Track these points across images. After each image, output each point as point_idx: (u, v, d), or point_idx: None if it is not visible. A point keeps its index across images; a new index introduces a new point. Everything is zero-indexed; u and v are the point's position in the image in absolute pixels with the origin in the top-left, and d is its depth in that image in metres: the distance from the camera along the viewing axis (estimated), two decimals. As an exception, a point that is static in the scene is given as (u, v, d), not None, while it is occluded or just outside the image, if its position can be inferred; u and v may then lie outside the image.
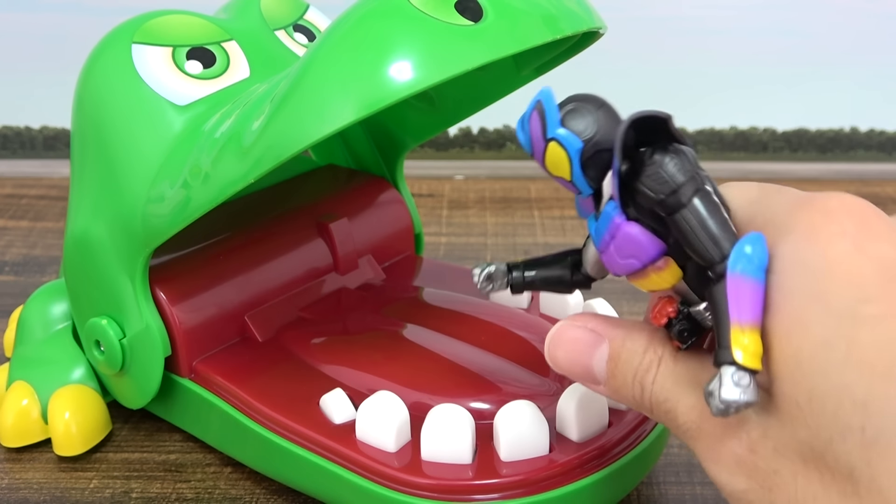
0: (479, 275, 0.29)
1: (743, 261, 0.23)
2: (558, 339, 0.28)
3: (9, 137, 0.69)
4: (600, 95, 0.25)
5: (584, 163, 0.25)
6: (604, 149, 0.25)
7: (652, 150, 0.24)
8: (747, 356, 0.22)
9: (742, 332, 0.22)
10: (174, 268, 0.37)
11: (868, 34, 0.66)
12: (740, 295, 0.22)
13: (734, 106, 0.69)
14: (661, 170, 0.24)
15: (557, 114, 0.25)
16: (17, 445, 0.39)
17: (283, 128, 0.29)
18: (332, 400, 0.34)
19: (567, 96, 0.25)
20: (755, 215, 0.24)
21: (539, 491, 0.31)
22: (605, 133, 0.25)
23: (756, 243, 0.23)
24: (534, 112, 0.25)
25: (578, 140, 0.25)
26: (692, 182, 0.24)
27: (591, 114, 0.25)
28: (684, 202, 0.24)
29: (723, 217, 0.24)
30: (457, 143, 0.69)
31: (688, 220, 0.24)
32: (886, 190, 0.65)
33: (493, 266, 0.29)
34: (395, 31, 0.28)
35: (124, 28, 0.36)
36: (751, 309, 0.22)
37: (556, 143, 0.25)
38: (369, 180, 0.46)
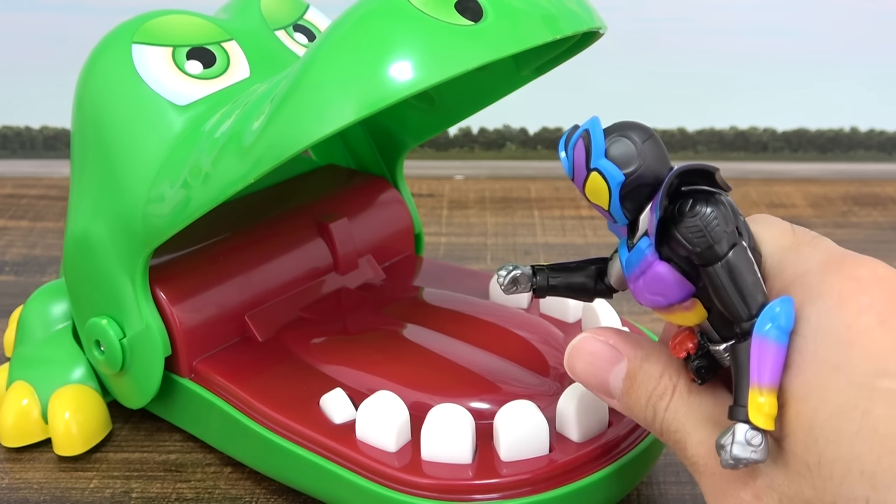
0: (504, 277, 0.30)
1: (769, 325, 0.23)
2: (578, 351, 0.29)
3: (9, 137, 0.69)
4: (646, 126, 0.26)
5: (623, 195, 0.25)
6: (644, 183, 0.25)
7: (693, 201, 0.24)
8: (762, 418, 0.23)
9: (760, 394, 0.23)
10: (174, 268, 0.37)
11: (868, 34, 0.66)
12: (763, 357, 0.23)
13: (734, 106, 0.69)
14: (700, 222, 0.24)
15: (603, 145, 0.25)
16: (17, 445, 0.39)
17: (283, 128, 0.29)
18: (332, 400, 0.34)
19: (615, 123, 0.26)
20: (787, 266, 0.25)
21: (539, 491, 0.31)
22: (649, 167, 0.25)
23: (784, 306, 0.23)
24: (580, 140, 0.26)
25: (621, 173, 0.25)
26: (729, 237, 0.24)
27: (635, 146, 0.25)
28: (719, 257, 0.24)
29: (755, 276, 0.24)
30: (457, 143, 0.69)
31: (720, 275, 0.24)
32: (886, 190, 0.65)
33: (519, 270, 0.29)
34: (395, 31, 0.28)
35: (124, 28, 0.36)
36: (771, 372, 0.23)
37: (599, 173, 0.25)
38: (369, 180, 0.46)
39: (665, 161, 0.25)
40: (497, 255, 0.55)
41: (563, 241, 0.57)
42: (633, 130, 0.25)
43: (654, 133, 0.25)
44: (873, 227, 0.60)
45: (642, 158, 0.25)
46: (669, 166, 0.25)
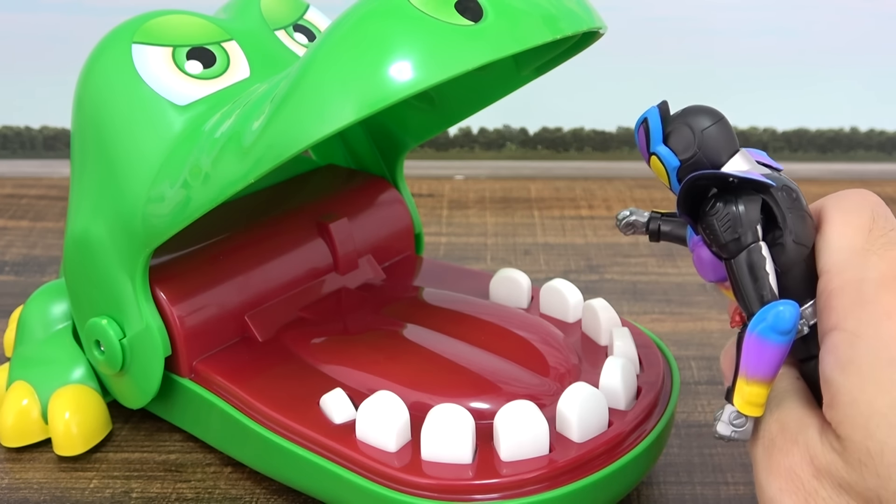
0: (621, 221, 0.31)
1: (764, 324, 0.25)
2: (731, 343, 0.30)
3: (9, 137, 0.69)
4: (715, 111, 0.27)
5: (680, 178, 0.27)
6: (702, 168, 0.27)
7: (716, 199, 0.26)
8: (746, 406, 0.26)
9: (747, 384, 0.26)
10: (174, 268, 0.37)
11: (868, 34, 0.66)
12: (751, 352, 0.26)
13: (734, 106, 0.68)
14: (715, 221, 0.26)
15: (661, 133, 0.27)
16: (17, 445, 0.39)
17: (283, 128, 0.29)
18: (332, 400, 0.34)
19: (686, 107, 0.28)
20: (849, 267, 0.26)
21: (539, 491, 0.31)
22: (706, 153, 0.27)
23: (786, 308, 0.25)
24: (641, 126, 0.28)
25: (676, 159, 0.27)
26: (743, 238, 0.26)
27: (694, 134, 0.27)
28: (731, 255, 0.26)
29: (762, 277, 0.26)
30: (457, 143, 0.69)
31: (732, 270, 0.26)
32: (886, 190, 0.65)
33: (635, 216, 0.31)
34: (395, 31, 0.28)
35: (124, 28, 0.36)
36: (761, 366, 0.26)
37: (657, 157, 0.27)
38: (369, 180, 0.46)
39: (729, 145, 0.27)
40: (497, 255, 0.55)
41: (563, 241, 0.57)
42: (697, 117, 0.27)
43: (722, 117, 0.27)
44: (873, 227, 0.60)
45: (699, 146, 0.27)
46: (734, 149, 0.27)
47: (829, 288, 0.26)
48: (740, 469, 0.38)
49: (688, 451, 0.39)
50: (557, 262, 0.54)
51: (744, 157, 0.27)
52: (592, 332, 0.38)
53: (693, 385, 0.43)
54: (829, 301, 0.26)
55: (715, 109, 0.27)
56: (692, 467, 0.38)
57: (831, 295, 0.26)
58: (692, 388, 0.43)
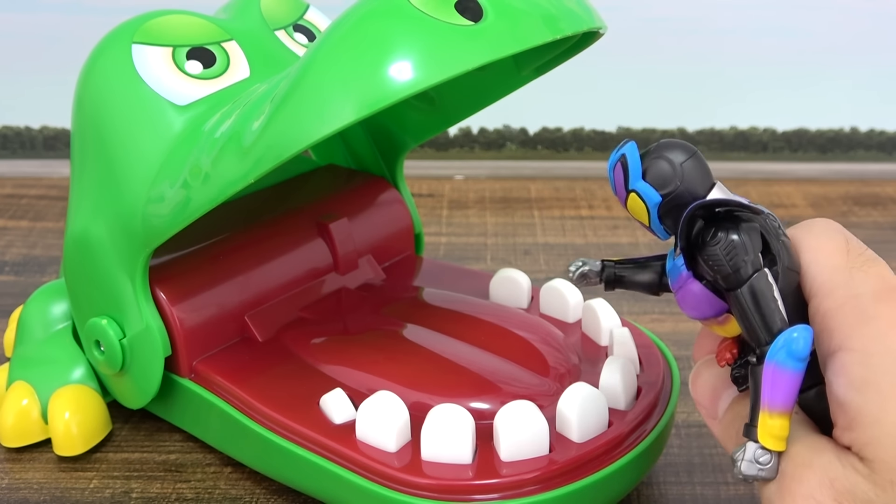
0: (574, 273, 0.30)
1: (783, 352, 0.24)
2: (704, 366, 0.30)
3: (9, 137, 0.69)
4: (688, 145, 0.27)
5: (661, 214, 0.26)
6: (683, 202, 0.26)
7: (716, 229, 0.26)
8: (771, 440, 0.25)
9: (770, 417, 0.25)
10: (174, 268, 0.37)
11: (868, 34, 0.66)
12: (775, 382, 0.24)
13: (734, 106, 0.69)
14: (720, 251, 0.25)
15: (640, 168, 0.26)
16: (17, 445, 0.39)
17: (283, 128, 0.29)
18: (332, 400, 0.34)
19: (658, 142, 0.27)
20: (837, 287, 0.26)
21: (539, 491, 0.31)
22: (687, 187, 0.26)
23: (802, 334, 0.24)
24: (618, 163, 0.27)
25: (658, 194, 0.26)
26: (751, 264, 0.25)
27: (674, 167, 0.26)
28: (739, 283, 0.25)
29: (775, 303, 0.25)
30: (457, 143, 0.69)
31: (740, 300, 0.25)
32: (886, 190, 0.65)
33: (588, 265, 0.30)
34: (395, 31, 0.28)
35: (124, 28, 0.36)
36: (783, 397, 0.25)
37: (637, 194, 0.27)
38: (369, 180, 0.46)
39: (706, 178, 0.26)
40: (497, 255, 0.55)
41: (563, 241, 0.57)
42: (672, 150, 0.26)
43: (696, 152, 0.26)
44: (873, 227, 0.60)
45: (680, 179, 0.26)
46: (711, 183, 0.26)
47: (823, 310, 0.25)
48: (740, 469, 0.38)
49: (688, 451, 0.39)
50: (557, 262, 0.54)
51: (720, 190, 0.27)
52: (592, 332, 0.38)
53: (693, 385, 0.43)
54: (827, 323, 0.25)
55: (687, 143, 0.27)
56: (692, 467, 0.38)
57: (827, 316, 0.25)
58: (692, 388, 0.43)
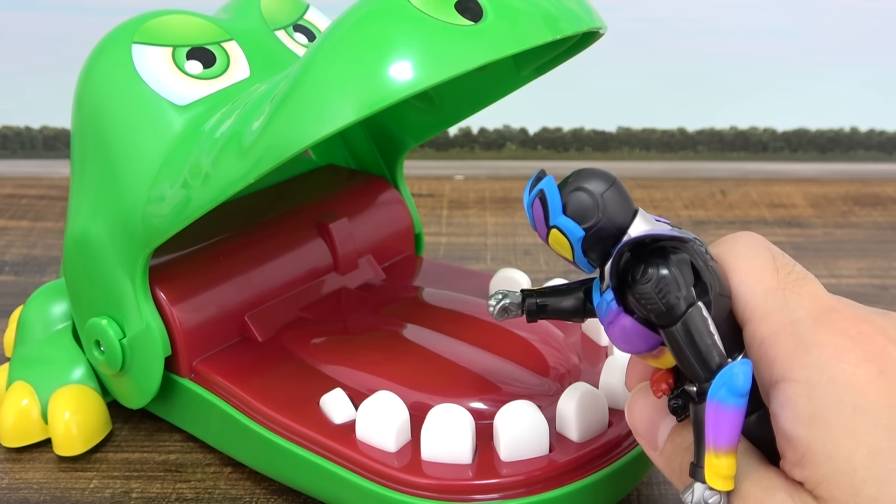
0: (494, 307, 0.30)
1: (724, 390, 0.23)
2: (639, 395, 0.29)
3: (9, 137, 0.69)
4: (609, 172, 0.25)
5: (585, 248, 0.25)
6: (607, 234, 0.25)
7: (646, 265, 0.24)
8: (719, 480, 0.24)
9: (717, 457, 0.24)
10: (174, 268, 0.37)
11: (868, 34, 0.66)
12: (718, 421, 0.23)
13: (734, 106, 0.69)
14: (651, 289, 0.24)
15: (559, 203, 0.25)
16: (17, 445, 0.39)
17: (283, 128, 0.29)
18: (332, 400, 0.34)
19: (575, 172, 0.25)
20: (772, 311, 0.25)
21: (539, 491, 0.31)
22: (610, 218, 0.25)
23: (742, 368, 0.23)
24: (536, 199, 0.25)
25: (580, 229, 0.25)
26: (684, 300, 0.24)
27: (594, 199, 0.25)
28: (673, 321, 0.24)
29: (711, 339, 0.24)
30: (457, 143, 0.69)
31: (675, 337, 0.24)
32: (886, 190, 0.65)
33: (508, 298, 0.29)
34: (395, 32, 0.28)
35: (124, 28, 0.36)
36: (728, 435, 0.23)
37: (558, 230, 0.25)
38: (369, 180, 0.46)
39: (628, 207, 0.25)
40: (497, 255, 0.55)
41: (563, 241, 0.57)
42: (592, 181, 0.25)
43: (615, 180, 0.25)
44: (873, 227, 0.60)
45: (602, 211, 0.25)
46: (633, 210, 0.25)
47: (760, 336, 0.25)
48: (740, 469, 0.38)
49: (688, 451, 0.39)
50: (557, 262, 0.54)
51: (643, 218, 0.25)
52: (592, 332, 0.38)
53: (693, 385, 0.43)
54: (765, 351, 0.24)
55: (605, 171, 0.25)
56: (692, 467, 0.38)
57: (765, 343, 0.24)
58: (692, 388, 0.43)
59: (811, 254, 0.55)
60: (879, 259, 0.55)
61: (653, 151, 0.69)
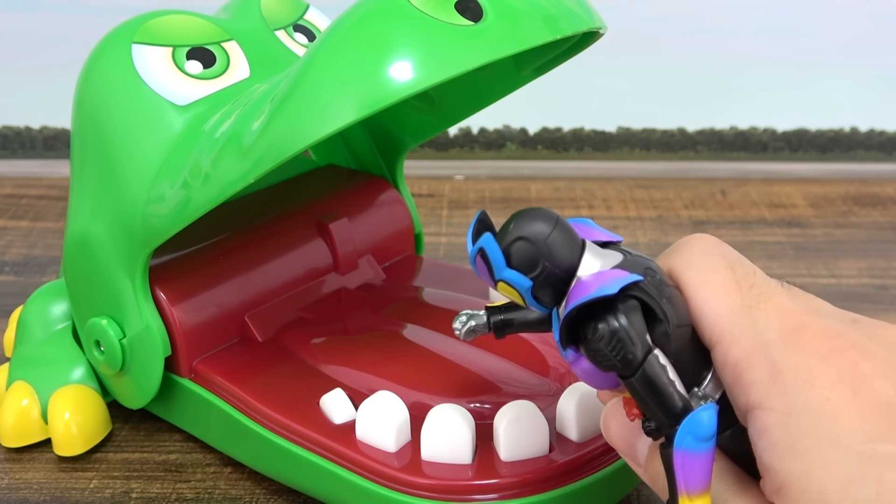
0: (461, 329, 0.29)
1: (689, 438, 0.23)
2: (614, 412, 0.28)
3: (9, 137, 0.69)
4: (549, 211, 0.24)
5: (535, 294, 0.25)
6: (556, 279, 0.24)
7: (594, 322, 0.24)
8: None
9: (690, 500, 0.24)
10: (174, 268, 0.37)
11: (868, 34, 0.66)
12: (687, 467, 0.23)
13: (734, 106, 0.69)
14: (604, 346, 0.24)
15: (501, 258, 0.24)
16: (17, 445, 0.39)
17: (283, 128, 0.29)
18: (332, 400, 0.34)
19: (513, 217, 0.24)
20: (742, 332, 0.24)
21: (539, 491, 0.31)
22: (556, 263, 0.24)
23: (706, 414, 0.23)
24: (477, 256, 0.25)
25: (527, 279, 0.24)
26: (638, 352, 0.23)
27: (537, 247, 0.24)
28: (630, 374, 0.24)
29: (669, 388, 0.24)
30: (457, 143, 0.69)
31: (634, 387, 0.24)
32: (886, 190, 0.65)
33: (473, 320, 0.29)
34: (395, 32, 0.28)
35: (124, 28, 0.36)
36: (698, 479, 0.24)
37: (505, 283, 0.24)
38: (369, 180, 0.46)
39: (574, 245, 0.24)
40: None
41: (563, 241, 0.57)
42: (532, 226, 0.24)
43: (558, 218, 0.24)
44: (873, 227, 0.60)
45: (546, 257, 0.24)
46: (580, 245, 0.25)
47: (731, 360, 0.24)
48: (740, 469, 0.37)
49: (688, 451, 0.39)
50: (557, 262, 0.54)
51: (592, 252, 0.25)
52: (592, 332, 0.38)
53: (693, 385, 0.43)
54: (739, 376, 0.24)
55: (547, 210, 0.24)
56: (692, 467, 0.38)
57: (738, 368, 0.24)
58: (692, 388, 0.43)
59: (811, 254, 0.55)
60: (879, 259, 0.55)
61: (653, 151, 0.69)
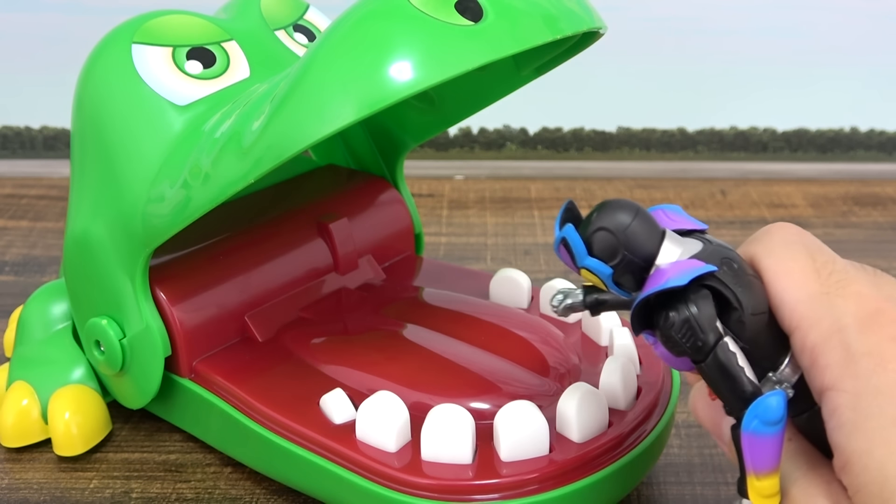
0: (558, 307, 0.30)
1: (756, 421, 0.25)
2: (700, 394, 0.30)
3: (9, 137, 0.69)
4: (631, 203, 0.26)
5: (616, 281, 0.26)
6: (635, 267, 0.26)
7: (667, 310, 0.25)
8: (762, 499, 0.25)
9: (758, 480, 0.25)
10: (174, 268, 0.37)
11: (868, 34, 0.66)
12: (754, 449, 0.25)
13: (734, 106, 0.69)
14: (675, 334, 0.25)
15: (583, 247, 0.26)
16: (17, 445, 0.39)
17: (283, 128, 0.29)
18: (332, 400, 0.34)
19: (597, 207, 0.26)
20: (820, 317, 0.25)
21: (539, 491, 0.31)
22: (634, 252, 0.25)
23: (775, 399, 0.24)
24: (561, 245, 0.26)
25: (607, 267, 0.26)
26: (709, 338, 0.25)
27: (617, 237, 0.25)
28: (702, 359, 0.25)
29: (739, 373, 0.25)
30: (457, 143, 0.69)
31: (706, 372, 0.25)
32: (886, 190, 0.65)
33: (570, 298, 0.29)
34: (395, 32, 0.28)
35: (124, 28, 0.36)
36: (765, 461, 0.25)
37: (587, 269, 0.26)
38: (369, 180, 0.46)
39: (654, 235, 0.26)
40: (497, 255, 0.55)
41: (563, 241, 0.57)
42: (614, 217, 0.25)
43: (639, 209, 0.26)
44: (873, 227, 0.60)
45: (625, 247, 0.25)
46: (660, 233, 0.26)
47: (809, 344, 0.25)
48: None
49: (688, 451, 0.39)
50: (557, 262, 0.54)
51: (672, 241, 0.26)
52: (592, 332, 0.38)
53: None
54: (815, 359, 0.25)
55: (629, 202, 0.26)
56: (692, 467, 0.38)
57: (815, 351, 0.25)
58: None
59: (811, 254, 0.55)
60: (879, 259, 0.55)
61: (653, 151, 0.69)
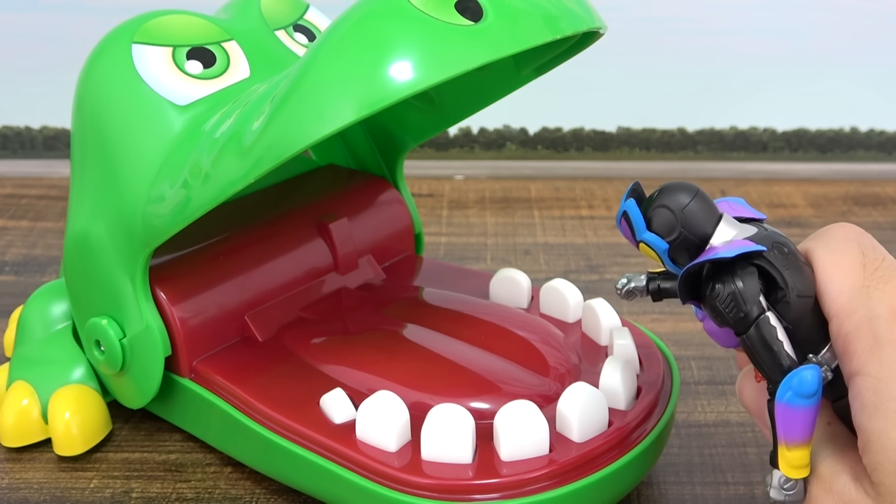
0: (621, 289, 0.31)
1: (791, 393, 0.26)
2: (747, 378, 0.31)
3: (9, 137, 0.69)
4: (692, 185, 0.28)
5: (671, 257, 0.28)
6: (690, 244, 0.27)
7: (713, 281, 0.27)
8: (792, 470, 0.27)
9: (789, 450, 0.27)
10: (174, 268, 0.37)
11: (868, 34, 0.66)
12: (786, 420, 0.27)
13: (734, 106, 0.69)
14: (719, 304, 0.27)
15: (642, 221, 0.28)
16: (17, 445, 0.39)
17: (283, 128, 0.29)
18: (332, 400, 0.34)
19: (662, 187, 0.28)
20: (857, 308, 0.26)
21: (539, 491, 0.31)
22: (691, 230, 0.27)
23: (810, 373, 0.26)
24: (622, 218, 0.28)
25: (664, 242, 0.28)
26: (752, 311, 0.26)
27: (675, 215, 0.27)
28: (744, 330, 0.27)
29: (778, 346, 0.27)
30: (457, 143, 0.69)
31: (747, 343, 0.27)
32: (886, 190, 0.65)
33: (633, 283, 0.31)
34: (395, 32, 0.28)
35: (124, 28, 0.36)
36: (797, 432, 0.27)
37: (645, 244, 0.28)
38: (369, 180, 0.46)
39: (710, 216, 0.27)
40: (497, 255, 0.55)
41: (563, 241, 0.57)
42: (674, 196, 0.27)
43: (698, 191, 0.27)
44: (873, 227, 0.60)
45: (682, 225, 0.27)
46: (717, 217, 0.28)
47: (843, 332, 0.26)
48: (740, 469, 0.38)
49: (688, 451, 0.39)
50: (557, 262, 0.54)
51: (728, 224, 0.28)
52: (592, 332, 0.38)
53: (693, 385, 0.43)
54: (847, 346, 0.26)
55: (690, 184, 0.28)
56: (692, 467, 0.38)
57: (847, 339, 0.26)
58: (692, 388, 0.43)
59: (811, 254, 0.55)
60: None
61: (653, 151, 0.69)
